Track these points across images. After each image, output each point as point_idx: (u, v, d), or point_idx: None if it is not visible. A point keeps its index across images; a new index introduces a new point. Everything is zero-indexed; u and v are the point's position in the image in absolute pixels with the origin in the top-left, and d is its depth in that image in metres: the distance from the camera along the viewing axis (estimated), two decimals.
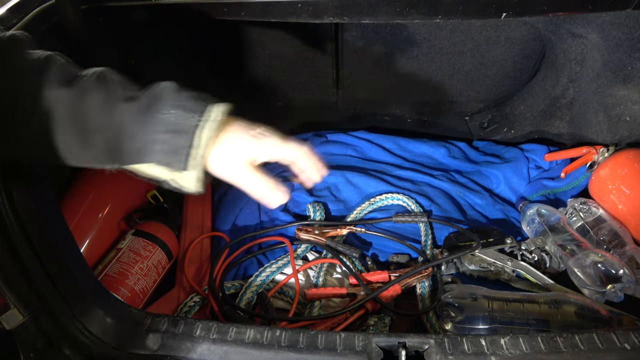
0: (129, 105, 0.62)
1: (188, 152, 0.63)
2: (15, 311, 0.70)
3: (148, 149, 0.63)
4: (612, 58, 1.25)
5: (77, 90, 0.61)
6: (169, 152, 0.63)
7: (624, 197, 1.17)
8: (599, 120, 1.34)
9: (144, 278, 1.07)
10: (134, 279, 1.05)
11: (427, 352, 0.73)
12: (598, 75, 1.30)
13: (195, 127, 0.62)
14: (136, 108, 0.62)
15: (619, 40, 1.21)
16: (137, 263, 1.07)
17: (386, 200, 1.29)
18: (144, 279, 1.07)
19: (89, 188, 1.18)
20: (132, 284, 1.04)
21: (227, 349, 0.74)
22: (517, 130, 1.54)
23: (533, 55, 1.50)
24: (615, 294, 1.01)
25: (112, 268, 1.06)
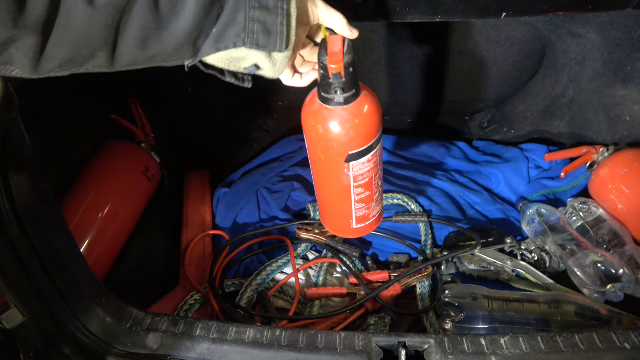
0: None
1: (283, 30, 0.61)
2: (15, 311, 0.70)
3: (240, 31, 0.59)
4: (612, 58, 1.25)
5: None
6: (263, 31, 0.60)
7: (624, 197, 1.17)
8: (599, 120, 1.34)
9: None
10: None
11: (427, 351, 0.73)
12: (598, 75, 1.30)
13: (283, 2, 0.60)
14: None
15: (619, 40, 1.21)
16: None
17: (386, 200, 1.29)
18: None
19: (89, 188, 1.18)
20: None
21: (227, 349, 0.74)
22: (517, 130, 1.54)
23: (533, 55, 1.50)
24: (615, 293, 1.01)
25: None
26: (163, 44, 0.56)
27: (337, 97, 0.70)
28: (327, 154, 0.76)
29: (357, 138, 0.73)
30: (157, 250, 1.29)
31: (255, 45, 0.61)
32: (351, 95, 0.70)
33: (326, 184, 0.84)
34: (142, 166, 1.30)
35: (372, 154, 0.77)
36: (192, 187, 1.40)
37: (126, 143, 1.33)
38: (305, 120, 0.76)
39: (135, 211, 1.27)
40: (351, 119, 0.72)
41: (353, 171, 0.78)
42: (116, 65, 0.56)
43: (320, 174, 0.84)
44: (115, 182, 1.23)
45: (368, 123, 0.73)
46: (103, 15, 0.50)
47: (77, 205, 1.14)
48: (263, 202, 1.33)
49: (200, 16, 0.57)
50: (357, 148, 0.74)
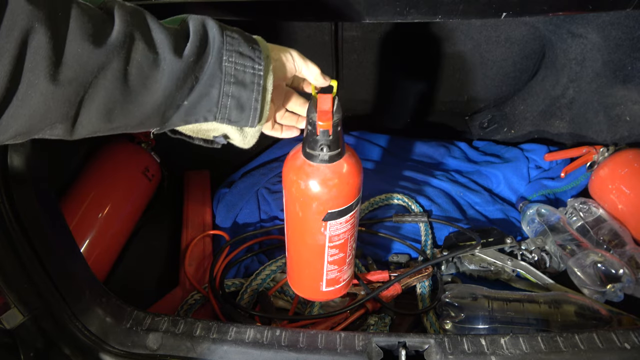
0: (177, 57, 0.53)
1: (257, 106, 0.59)
2: (15, 311, 0.70)
3: (212, 105, 0.57)
4: (612, 58, 1.25)
5: (113, 45, 0.49)
6: (236, 106, 0.58)
7: (624, 197, 1.17)
8: (599, 120, 1.34)
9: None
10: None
11: (427, 351, 0.73)
12: (598, 75, 1.30)
13: (260, 77, 0.58)
14: (189, 57, 0.54)
15: (619, 40, 1.21)
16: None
17: (386, 200, 1.29)
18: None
19: (89, 188, 1.18)
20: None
21: (227, 349, 0.74)
22: (517, 130, 1.54)
23: (533, 55, 1.50)
24: (615, 293, 1.01)
25: None
26: (129, 117, 0.54)
27: (322, 155, 0.70)
28: (306, 211, 0.75)
29: (338, 197, 0.73)
30: (157, 250, 1.29)
31: (227, 121, 0.60)
32: (336, 153, 0.71)
33: (300, 241, 0.82)
34: (142, 166, 1.30)
35: (351, 215, 0.77)
36: (192, 187, 1.40)
37: (126, 143, 1.33)
38: (287, 174, 0.75)
39: (135, 211, 1.27)
40: (334, 177, 0.71)
41: (330, 230, 0.77)
42: (75, 135, 0.53)
43: (294, 230, 0.82)
44: (115, 182, 1.23)
45: (350, 183, 0.73)
46: (65, 91, 0.47)
47: (77, 205, 1.13)
48: (263, 202, 1.33)
49: (171, 90, 0.54)
50: (336, 207, 0.74)
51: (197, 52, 0.55)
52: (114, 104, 0.52)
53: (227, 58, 0.56)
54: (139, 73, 0.51)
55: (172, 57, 0.53)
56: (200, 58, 0.55)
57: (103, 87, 0.50)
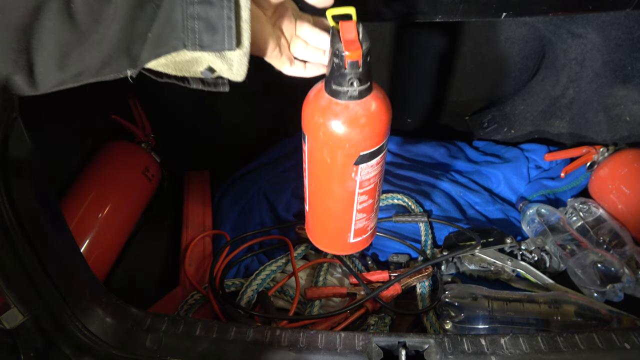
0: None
1: (230, 24, 0.52)
2: (15, 311, 0.70)
3: (178, 32, 0.51)
4: (612, 58, 1.25)
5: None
6: (206, 28, 0.51)
7: (624, 197, 1.17)
8: (599, 120, 1.34)
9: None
10: None
11: (427, 351, 0.73)
12: (598, 75, 1.30)
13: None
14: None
15: (619, 40, 1.21)
16: None
17: (386, 200, 1.29)
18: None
19: (89, 188, 1.18)
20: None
21: (227, 349, 0.74)
22: (517, 130, 1.54)
23: (533, 55, 1.50)
24: (615, 293, 1.01)
25: None
26: (88, 59, 0.50)
27: (352, 90, 0.63)
28: (335, 155, 0.69)
29: (370, 137, 0.67)
30: (157, 250, 1.29)
31: (199, 47, 0.52)
32: (366, 88, 0.64)
33: (327, 191, 0.76)
34: (142, 166, 1.30)
35: (381, 156, 0.72)
36: (192, 187, 1.40)
37: (126, 143, 1.33)
38: (311, 118, 0.68)
39: (135, 211, 1.27)
40: (366, 115, 0.65)
41: (361, 175, 0.72)
42: (40, 88, 0.50)
43: (321, 180, 0.76)
44: (115, 182, 1.23)
45: (383, 120, 0.67)
46: (8, 37, 0.45)
47: (77, 205, 1.13)
48: (263, 202, 1.33)
49: (129, 21, 0.49)
50: (369, 148, 0.68)
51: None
52: (67, 47, 0.48)
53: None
54: (86, 9, 0.47)
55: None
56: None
57: (48, 30, 0.46)
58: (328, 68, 0.65)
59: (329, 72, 0.65)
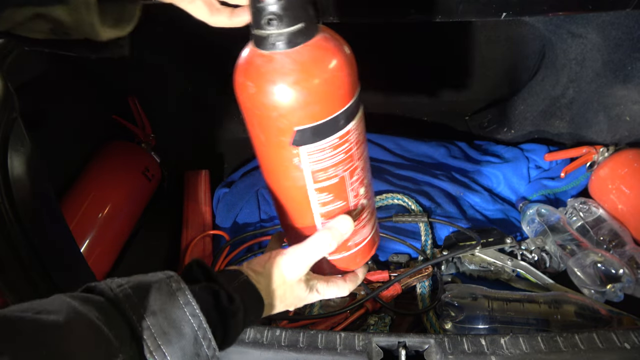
0: None
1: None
2: None
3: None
4: (612, 58, 1.24)
5: None
6: None
7: (624, 197, 1.17)
8: (599, 120, 1.34)
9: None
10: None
11: (427, 351, 0.73)
12: (598, 75, 1.30)
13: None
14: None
15: (619, 40, 1.20)
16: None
17: (386, 200, 1.29)
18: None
19: (89, 188, 1.18)
20: None
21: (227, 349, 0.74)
22: (517, 130, 1.54)
23: (533, 55, 1.50)
24: (615, 293, 1.01)
25: None
26: None
27: (274, 35, 0.46)
28: (267, 130, 0.50)
29: (308, 104, 0.47)
30: (157, 250, 1.29)
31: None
32: (298, 30, 0.46)
33: (274, 182, 0.57)
34: (142, 166, 1.30)
35: (341, 135, 0.50)
36: (192, 187, 1.40)
37: (126, 143, 1.33)
38: (235, 77, 0.50)
39: (135, 211, 1.27)
40: (297, 69, 0.46)
41: (308, 163, 0.51)
42: None
43: (264, 165, 0.58)
44: (115, 182, 1.23)
45: (329, 79, 0.47)
46: None
47: (77, 205, 1.14)
48: (263, 202, 1.33)
49: None
50: (310, 121, 0.48)
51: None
52: None
53: None
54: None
55: None
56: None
57: None
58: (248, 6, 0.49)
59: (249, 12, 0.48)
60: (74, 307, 0.41)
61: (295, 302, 0.64)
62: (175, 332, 0.45)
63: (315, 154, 0.51)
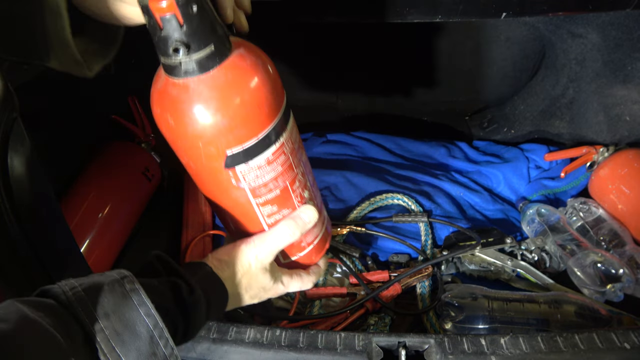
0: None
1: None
2: None
3: None
4: (612, 58, 1.25)
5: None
6: None
7: (624, 197, 1.17)
8: (599, 120, 1.34)
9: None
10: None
11: (427, 351, 0.73)
12: (598, 75, 1.30)
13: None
14: None
15: (619, 40, 1.21)
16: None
17: (386, 200, 1.29)
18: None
19: (89, 188, 1.18)
20: None
21: (227, 349, 0.74)
22: (517, 130, 1.54)
23: (533, 55, 1.50)
24: (615, 293, 1.01)
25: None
26: None
27: (185, 62, 0.43)
28: (196, 159, 0.51)
29: (234, 128, 0.46)
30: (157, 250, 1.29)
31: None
32: (208, 54, 0.44)
33: (217, 201, 0.58)
34: (142, 166, 1.30)
35: (274, 152, 0.50)
36: (192, 187, 1.39)
37: (126, 143, 1.33)
38: (154, 109, 0.50)
39: (135, 211, 1.27)
40: (217, 95, 0.44)
41: (247, 181, 0.52)
42: None
43: (203, 188, 0.58)
44: (115, 182, 1.23)
45: (251, 99, 0.46)
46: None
47: (77, 205, 1.13)
48: None
49: None
50: (238, 144, 0.48)
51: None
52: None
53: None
54: None
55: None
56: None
57: None
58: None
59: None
60: (25, 314, 0.41)
61: (260, 294, 0.66)
62: (130, 333, 0.45)
63: (252, 172, 0.51)
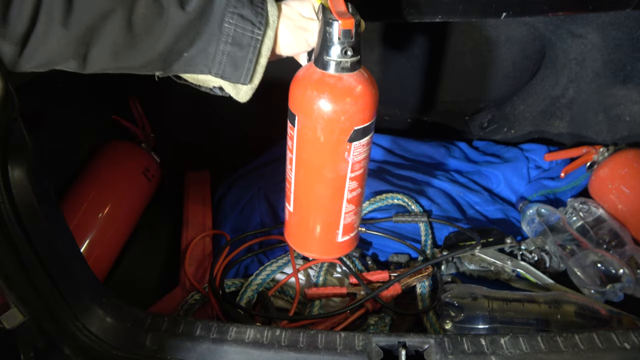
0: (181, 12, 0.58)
1: (250, 67, 0.64)
2: (15, 311, 0.70)
3: (208, 61, 0.62)
4: (612, 58, 1.25)
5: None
6: (231, 64, 0.63)
7: (624, 197, 1.17)
8: (598, 120, 1.34)
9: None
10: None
11: (427, 351, 0.73)
12: (598, 75, 1.30)
13: (257, 41, 0.63)
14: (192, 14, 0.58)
15: (619, 40, 1.21)
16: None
17: (386, 200, 1.29)
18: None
19: (89, 188, 1.18)
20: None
21: (227, 349, 0.74)
22: (517, 130, 1.54)
23: (533, 55, 1.50)
24: (615, 293, 1.01)
25: None
26: (133, 59, 0.60)
27: (344, 61, 0.64)
28: (329, 132, 0.68)
29: (364, 109, 0.68)
30: (157, 250, 1.29)
31: (221, 77, 0.65)
32: (358, 60, 0.66)
33: (317, 178, 0.75)
34: (142, 166, 1.30)
35: (371, 136, 0.72)
36: (192, 187, 1.40)
37: (126, 143, 1.33)
38: (302, 94, 0.68)
39: (135, 211, 1.27)
40: (360, 86, 0.66)
41: (353, 156, 0.71)
42: (87, 70, 0.60)
43: (312, 165, 0.75)
44: (115, 182, 1.23)
45: (374, 93, 0.68)
46: (75, 33, 0.54)
47: (77, 205, 1.13)
48: (263, 202, 1.33)
49: (173, 41, 0.59)
50: (363, 122, 0.68)
51: (200, 10, 0.59)
52: (120, 47, 0.57)
53: (228, 19, 0.60)
54: (143, 23, 0.57)
55: (176, 11, 0.57)
56: (203, 15, 0.59)
57: (110, 32, 0.56)
58: (318, 42, 0.66)
59: (320, 45, 0.66)
60: None
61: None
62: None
63: (358, 149, 0.71)
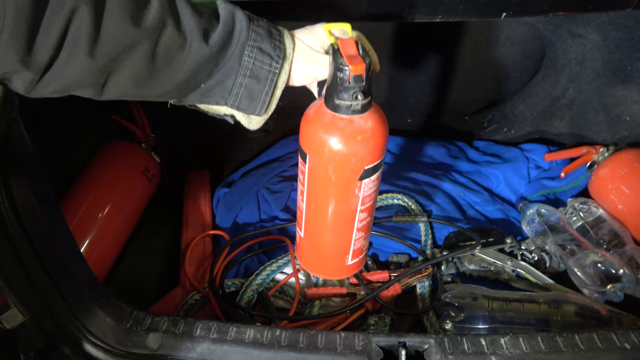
0: (204, 45, 0.58)
1: (266, 99, 0.65)
2: (15, 311, 0.70)
3: (225, 93, 0.63)
4: (612, 58, 1.25)
5: (146, 28, 0.55)
6: (247, 97, 0.64)
7: (624, 197, 1.17)
8: (598, 120, 1.34)
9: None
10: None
11: (427, 351, 0.73)
12: (598, 75, 1.30)
13: (274, 74, 0.64)
14: (214, 47, 0.59)
15: (619, 40, 1.21)
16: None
17: (386, 200, 1.29)
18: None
19: (89, 188, 1.18)
20: None
21: (227, 349, 0.74)
22: (517, 130, 1.54)
23: (533, 55, 1.50)
24: (615, 293, 1.01)
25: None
26: (151, 89, 0.60)
27: (355, 104, 0.65)
28: (340, 172, 0.69)
29: (374, 150, 0.68)
30: (157, 250, 1.29)
31: (236, 108, 0.66)
32: (368, 101, 0.66)
33: (328, 212, 0.76)
34: (142, 166, 1.30)
35: (381, 171, 0.73)
36: (192, 187, 1.40)
37: (126, 143, 1.33)
38: (314, 135, 0.69)
39: (135, 211, 1.27)
40: (370, 127, 0.67)
41: (363, 191, 0.72)
42: (103, 97, 0.60)
43: (323, 200, 0.76)
44: (115, 182, 1.23)
45: (384, 132, 0.69)
46: (99, 64, 0.54)
47: (77, 205, 1.13)
48: (263, 202, 1.33)
49: (192, 72, 0.60)
50: (373, 162, 0.69)
51: (221, 43, 0.60)
52: (140, 77, 0.58)
53: (248, 52, 0.61)
54: (165, 54, 0.57)
55: (198, 44, 0.58)
56: (224, 49, 0.60)
57: (132, 63, 0.56)
58: (329, 84, 0.67)
59: (330, 88, 0.66)
60: None
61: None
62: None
63: (368, 184, 0.72)
